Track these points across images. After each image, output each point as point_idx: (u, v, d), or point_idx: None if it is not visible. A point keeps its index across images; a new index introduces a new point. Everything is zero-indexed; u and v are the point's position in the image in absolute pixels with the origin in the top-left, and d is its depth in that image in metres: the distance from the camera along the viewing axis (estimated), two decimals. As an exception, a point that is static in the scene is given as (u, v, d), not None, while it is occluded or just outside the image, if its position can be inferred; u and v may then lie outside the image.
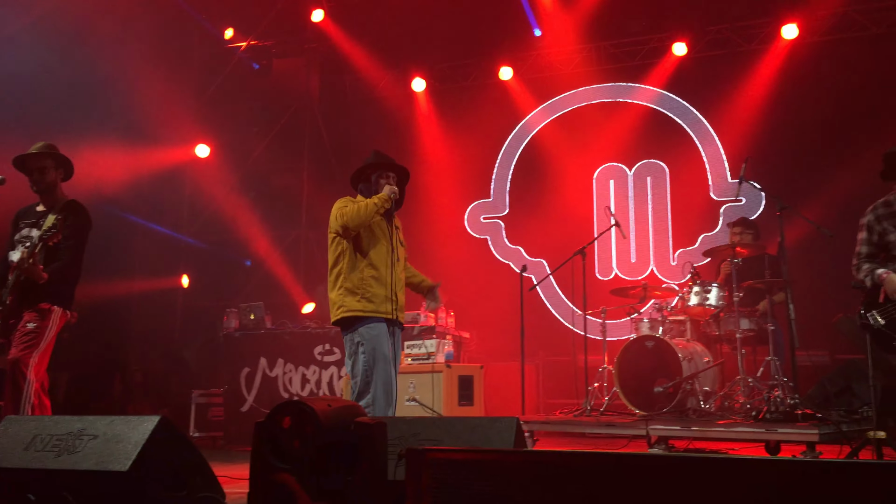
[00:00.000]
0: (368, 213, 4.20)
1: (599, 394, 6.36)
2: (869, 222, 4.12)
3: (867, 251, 4.11)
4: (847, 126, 8.22)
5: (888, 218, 4.06)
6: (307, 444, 2.60)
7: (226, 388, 7.50)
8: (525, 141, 10.09)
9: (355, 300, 4.21)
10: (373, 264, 4.25)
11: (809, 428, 4.75)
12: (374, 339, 4.17)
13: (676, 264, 9.19)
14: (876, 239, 4.09)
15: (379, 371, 4.13)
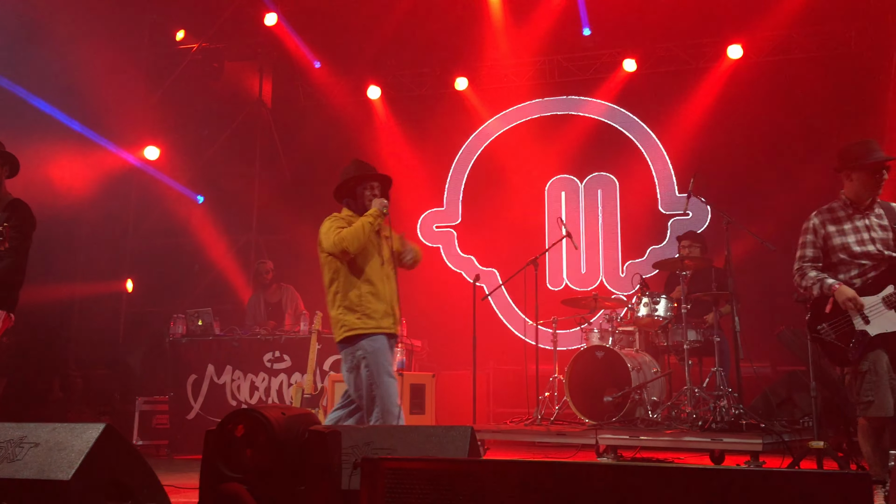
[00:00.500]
0: (366, 234, 4.19)
1: (550, 403, 6.42)
2: (814, 225, 4.15)
3: (812, 254, 4.12)
4: (789, 143, 8.50)
5: (832, 223, 4.09)
6: (260, 453, 2.55)
7: (171, 396, 7.33)
8: (479, 151, 10.15)
9: (355, 318, 4.18)
10: (369, 280, 4.22)
11: (753, 438, 4.87)
12: (376, 353, 4.15)
13: (625, 276, 9.34)
14: (820, 243, 4.11)
15: (383, 384, 4.10)
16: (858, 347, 3.83)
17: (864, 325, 3.85)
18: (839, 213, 4.12)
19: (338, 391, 6.48)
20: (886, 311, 3.82)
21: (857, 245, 3.99)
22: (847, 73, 8.45)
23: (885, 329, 3.81)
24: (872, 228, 3.99)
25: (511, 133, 10.07)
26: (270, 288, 8.07)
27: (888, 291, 3.84)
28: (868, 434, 3.87)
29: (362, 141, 9.96)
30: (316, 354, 6.69)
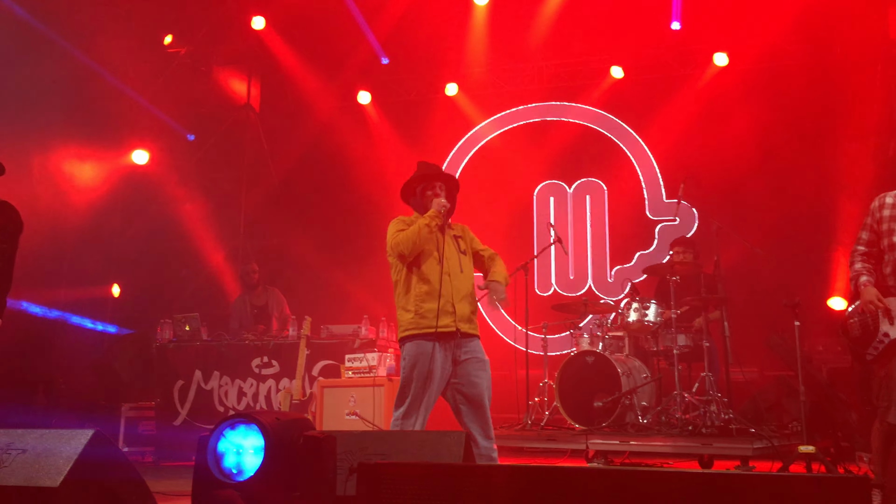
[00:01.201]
0: (421, 237, 4.13)
1: (540, 408, 6.41)
2: (874, 207, 3.96)
3: (866, 237, 3.94)
4: (777, 149, 8.52)
5: (891, 208, 3.88)
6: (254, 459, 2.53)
7: (158, 402, 7.27)
8: (468, 156, 10.15)
9: (410, 318, 4.17)
10: (427, 280, 4.17)
11: (743, 443, 4.89)
12: (413, 357, 4.12)
13: (613, 281, 9.36)
14: (875, 226, 3.92)
15: (418, 391, 4.09)
16: (878, 348, 3.72)
17: (889, 326, 3.71)
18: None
19: (326, 396, 6.45)
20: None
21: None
22: (833, 80, 8.50)
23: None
24: None
25: (500, 138, 10.09)
26: (256, 290, 8.02)
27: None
28: (880, 438, 3.80)
29: (352, 146, 9.94)
30: (305, 360, 6.65)
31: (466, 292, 4.25)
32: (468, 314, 4.22)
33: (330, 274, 9.42)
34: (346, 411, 6.28)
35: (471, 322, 4.24)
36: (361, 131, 10.11)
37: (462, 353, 4.14)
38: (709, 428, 5.14)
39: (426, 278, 4.17)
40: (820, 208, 8.15)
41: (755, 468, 4.91)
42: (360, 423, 6.07)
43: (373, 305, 8.91)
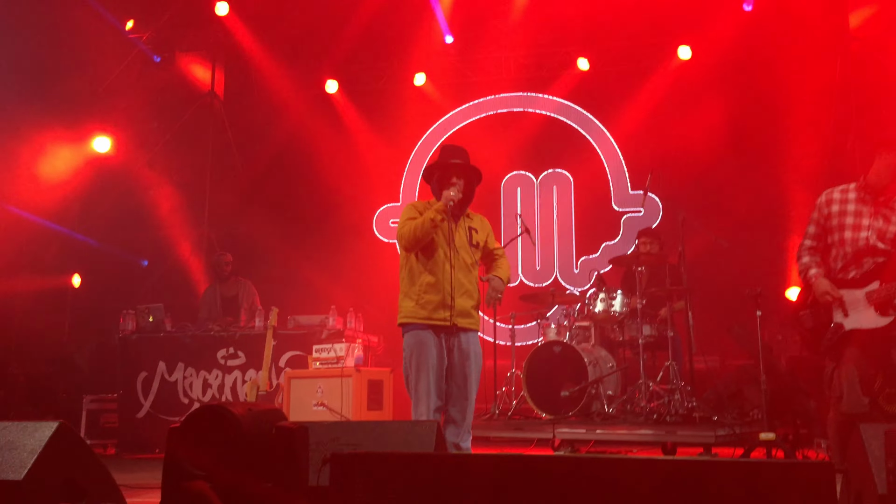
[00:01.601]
0: (425, 230, 4.12)
1: (507, 398, 6.46)
2: (820, 202, 4.06)
3: (813, 231, 4.05)
4: (739, 143, 8.66)
5: (839, 203, 3.99)
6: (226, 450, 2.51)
7: (120, 394, 7.16)
8: (435, 146, 10.12)
9: (410, 306, 4.22)
10: (430, 270, 4.19)
11: (706, 430, 4.99)
12: (415, 347, 4.18)
13: (579, 272, 9.45)
14: (822, 222, 4.02)
15: (419, 380, 4.14)
16: (832, 339, 3.82)
17: (843, 317, 3.81)
18: (850, 194, 3.99)
19: (294, 388, 6.41)
20: (867, 306, 3.78)
21: (850, 230, 3.91)
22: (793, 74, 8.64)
23: (861, 325, 3.77)
24: (875, 216, 3.88)
25: (468, 129, 10.09)
26: (228, 281, 7.93)
27: (872, 287, 3.79)
28: (835, 427, 3.90)
29: (318, 135, 9.86)
30: (272, 351, 6.60)
31: (470, 286, 4.26)
32: (468, 308, 4.23)
33: (297, 264, 9.35)
34: (313, 402, 6.25)
35: (470, 316, 4.25)
36: (329, 120, 10.02)
37: (455, 345, 4.17)
38: (673, 416, 5.24)
39: (431, 269, 4.19)
40: (780, 200, 8.32)
41: (718, 455, 5.02)
42: (327, 414, 6.05)
43: (340, 296, 8.88)
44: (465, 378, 4.21)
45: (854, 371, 3.78)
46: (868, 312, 3.78)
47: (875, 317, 3.77)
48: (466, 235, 4.32)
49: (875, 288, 3.78)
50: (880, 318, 3.76)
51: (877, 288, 3.77)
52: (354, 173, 10.01)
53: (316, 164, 9.91)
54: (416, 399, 4.19)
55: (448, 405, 4.23)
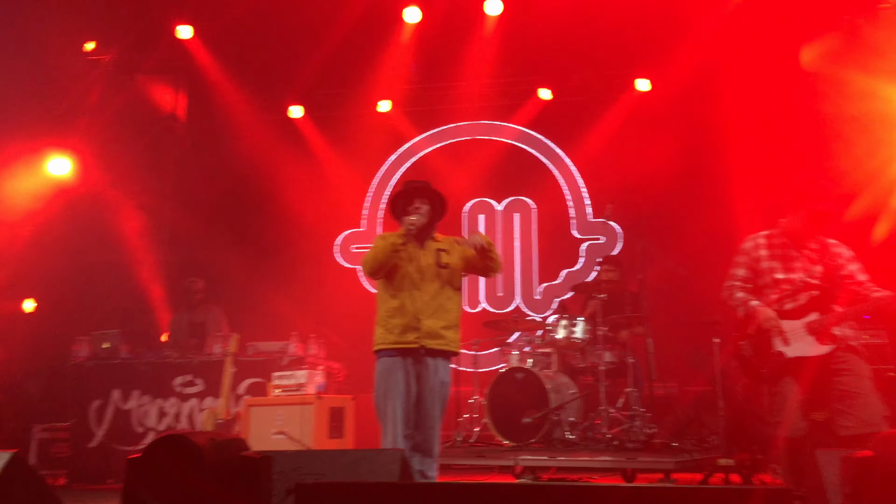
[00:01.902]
0: (386, 254, 4.17)
1: (469, 425, 6.45)
2: (748, 248, 4.30)
3: (743, 274, 4.28)
4: (698, 173, 8.84)
5: (765, 248, 4.23)
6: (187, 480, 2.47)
7: (73, 423, 6.97)
8: (398, 172, 10.18)
9: (379, 332, 4.27)
10: (394, 295, 4.23)
11: (666, 456, 5.04)
12: (382, 374, 4.22)
13: (541, 298, 9.53)
14: (753, 264, 4.25)
15: (387, 407, 4.15)
16: (774, 367, 3.99)
17: (784, 346, 4.00)
18: (775, 240, 4.25)
19: (253, 416, 6.32)
20: (807, 336, 3.96)
21: (782, 272, 4.13)
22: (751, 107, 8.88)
23: (804, 353, 3.94)
24: (802, 259, 4.13)
25: (431, 156, 10.16)
26: (198, 308, 7.83)
27: (811, 318, 3.98)
28: (784, 451, 4.05)
29: (282, 160, 9.80)
30: (231, 378, 6.50)
31: (438, 307, 4.25)
32: (437, 329, 4.22)
33: (258, 290, 9.25)
34: (273, 430, 6.16)
35: (440, 337, 4.23)
36: (293, 145, 9.99)
37: (424, 371, 4.18)
38: (633, 443, 5.28)
39: (395, 294, 4.23)
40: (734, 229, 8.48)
41: (677, 481, 5.07)
42: (287, 443, 5.96)
43: (302, 322, 8.80)
44: (431, 407, 4.21)
45: (794, 396, 3.95)
46: (808, 341, 3.99)
47: (816, 346, 3.97)
48: (434, 258, 4.34)
49: (814, 318, 4.00)
50: (820, 346, 3.97)
51: (816, 318, 4.00)
52: (317, 199, 9.98)
53: (279, 189, 9.86)
54: (383, 426, 4.19)
55: (415, 433, 4.22)
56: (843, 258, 4.13)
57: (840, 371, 3.89)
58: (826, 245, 4.17)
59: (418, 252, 4.29)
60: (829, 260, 4.10)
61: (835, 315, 3.93)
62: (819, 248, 4.16)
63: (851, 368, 3.87)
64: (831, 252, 4.13)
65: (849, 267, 4.10)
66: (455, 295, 4.39)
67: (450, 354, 4.35)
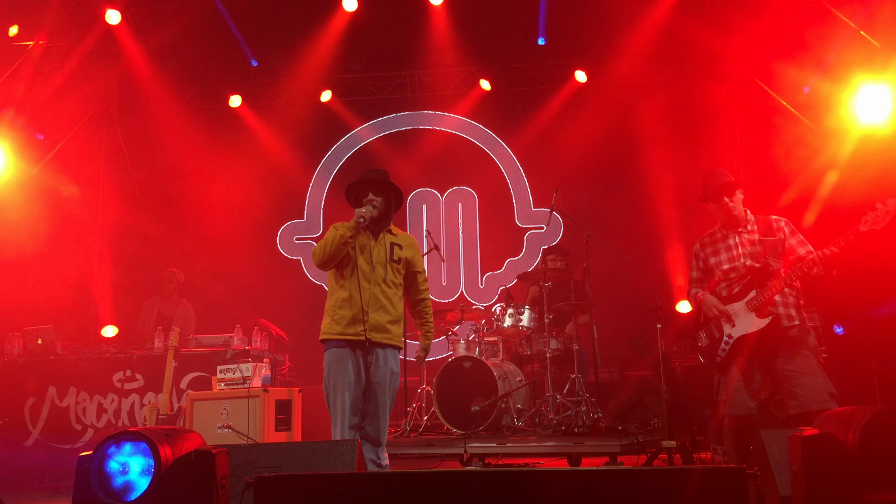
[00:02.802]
0: (335, 246, 4.15)
1: (418, 415, 6.47)
2: (696, 251, 4.49)
3: (696, 276, 4.47)
4: (636, 162, 9.04)
5: (710, 245, 4.40)
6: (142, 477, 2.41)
7: (5, 421, 6.71)
8: (340, 163, 10.10)
9: (327, 322, 4.24)
10: (343, 286, 4.21)
11: (612, 440, 5.16)
12: (330, 365, 4.20)
13: (484, 287, 9.60)
14: (702, 265, 4.43)
15: (335, 398, 4.13)
16: (725, 349, 4.13)
17: (731, 328, 4.14)
18: (717, 235, 4.42)
19: (197, 410, 6.19)
20: (748, 313, 4.11)
21: (727, 262, 4.28)
22: (685, 99, 9.13)
23: (747, 330, 4.08)
24: (742, 245, 4.27)
25: (372, 146, 10.11)
26: (170, 300, 7.67)
27: (751, 296, 4.13)
28: (727, 432, 4.20)
29: (221, 150, 9.62)
30: (172, 372, 6.36)
31: (386, 301, 4.25)
32: (384, 323, 4.22)
33: (198, 282, 9.07)
34: (218, 424, 6.06)
35: (385, 332, 4.24)
36: (232, 135, 9.80)
37: (372, 362, 4.17)
38: (580, 427, 5.38)
39: (344, 284, 4.22)
40: (671, 218, 8.73)
41: (623, 464, 5.20)
42: (233, 437, 5.87)
43: (244, 314, 8.66)
44: (380, 396, 4.21)
45: (739, 375, 4.09)
46: (750, 318, 4.13)
47: (756, 320, 4.11)
48: (387, 251, 4.33)
49: (753, 295, 4.12)
50: (761, 320, 4.09)
51: (754, 295, 4.12)
52: (258, 189, 9.83)
53: (219, 179, 9.68)
54: (333, 417, 4.17)
55: (363, 422, 4.22)
56: (783, 232, 4.26)
57: (786, 351, 4.03)
58: (767, 221, 4.31)
59: (371, 244, 4.27)
60: (770, 235, 4.22)
61: (769, 287, 4.07)
62: (759, 227, 4.29)
63: (799, 349, 4.01)
64: (772, 227, 4.27)
65: (789, 241, 4.23)
66: (400, 289, 4.41)
67: (395, 348, 4.35)
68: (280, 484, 2.36)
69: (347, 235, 4.17)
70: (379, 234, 4.34)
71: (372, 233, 4.31)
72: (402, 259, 4.38)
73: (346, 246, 4.19)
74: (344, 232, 4.18)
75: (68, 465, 6.53)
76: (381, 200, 4.34)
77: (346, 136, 10.14)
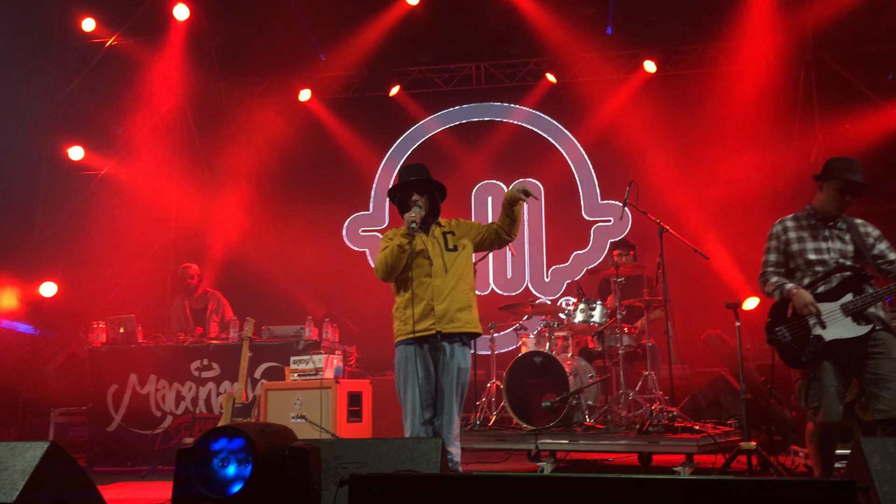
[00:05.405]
0: (395, 257, 4.21)
1: (487, 409, 6.47)
2: (777, 232, 4.25)
3: (775, 259, 4.23)
4: (707, 154, 8.82)
5: (794, 230, 4.19)
6: (240, 472, 2.47)
7: (90, 407, 6.98)
8: (406, 155, 10.14)
9: (396, 325, 4.32)
10: (406, 287, 4.27)
11: (688, 440, 5.07)
12: (399, 363, 4.28)
13: (550, 280, 9.54)
14: (783, 248, 4.21)
15: (406, 394, 4.20)
16: (814, 351, 3.95)
17: (821, 329, 3.95)
18: (802, 221, 4.20)
19: (271, 400, 6.33)
20: (843, 317, 3.93)
21: (813, 253, 4.09)
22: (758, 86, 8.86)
23: (841, 335, 3.91)
24: (832, 239, 4.09)
25: (438, 137, 10.13)
26: (196, 293, 7.79)
27: (847, 299, 3.94)
28: (815, 438, 4.04)
29: (288, 142, 9.76)
30: (247, 362, 6.51)
31: (451, 289, 4.24)
32: (453, 312, 4.21)
33: (266, 273, 9.26)
34: (291, 414, 6.18)
35: (454, 321, 4.21)
36: (300, 128, 9.94)
37: (441, 357, 4.20)
38: (655, 426, 5.31)
39: (406, 285, 4.27)
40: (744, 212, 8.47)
41: (699, 464, 5.11)
42: (307, 426, 5.99)
43: (311, 305, 8.82)
44: (449, 392, 4.24)
45: (832, 381, 3.92)
46: (845, 322, 3.93)
47: (854, 326, 3.92)
48: (442, 242, 4.34)
49: (850, 299, 3.95)
50: (858, 327, 3.91)
51: (851, 299, 3.94)
52: (325, 181, 9.96)
53: (288, 172, 9.84)
54: (404, 413, 4.22)
55: (435, 417, 4.25)
56: (871, 237, 4.10)
57: (873, 354, 3.87)
58: (853, 225, 4.14)
59: (424, 240, 4.30)
60: (859, 239, 4.07)
61: (870, 295, 3.91)
62: (847, 227, 4.13)
63: (887, 351, 3.85)
64: (859, 231, 4.11)
65: (878, 246, 4.07)
66: (466, 276, 4.36)
67: (467, 336, 4.32)
68: (374, 482, 2.39)
69: (405, 243, 4.20)
70: (429, 230, 4.36)
71: (423, 229, 4.33)
72: (457, 245, 4.36)
73: (405, 254, 4.21)
74: (400, 240, 4.21)
75: (148, 450, 6.80)
76: (426, 199, 4.37)
77: (411, 129, 10.18)
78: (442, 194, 4.50)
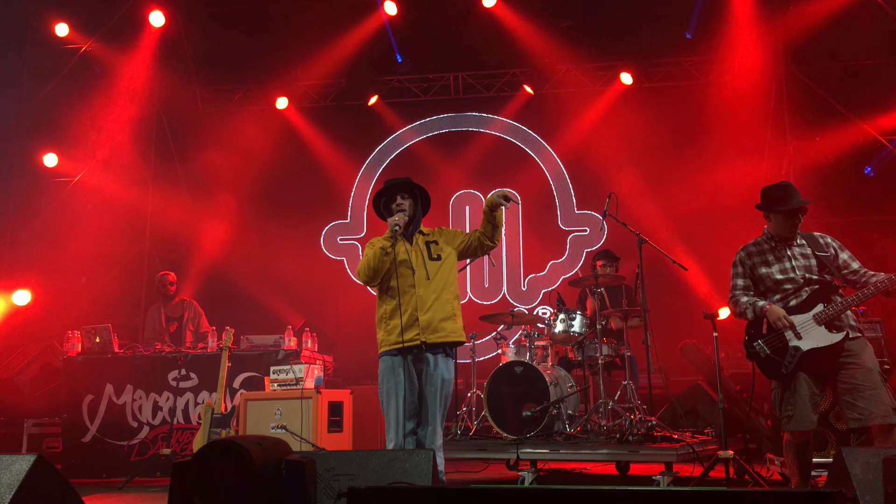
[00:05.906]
0: (377, 260, 4.20)
1: (468, 418, 6.50)
2: (741, 259, 4.41)
3: (742, 284, 4.38)
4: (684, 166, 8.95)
5: (757, 255, 4.35)
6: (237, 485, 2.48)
7: (64, 417, 6.88)
8: (384, 164, 10.17)
9: (380, 335, 4.29)
10: (390, 295, 4.24)
11: (667, 448, 5.14)
12: (382, 374, 4.25)
13: (527, 289, 9.62)
14: (748, 273, 4.36)
15: (389, 405, 4.18)
16: (793, 361, 4.08)
17: (797, 340, 4.08)
18: (763, 245, 4.36)
19: (250, 410, 6.30)
20: (817, 327, 4.06)
21: (779, 273, 4.23)
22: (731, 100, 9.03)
23: (817, 344, 4.04)
24: (794, 258, 4.24)
25: (416, 147, 10.17)
26: (173, 301, 7.72)
27: (818, 309, 4.08)
28: (791, 448, 4.16)
29: (265, 150, 9.73)
30: (226, 372, 6.47)
31: (435, 298, 4.24)
32: (437, 321, 4.20)
33: (243, 282, 9.21)
34: (271, 425, 6.15)
35: (439, 330, 4.20)
36: (277, 136, 9.91)
37: (425, 368, 4.20)
38: (635, 435, 5.37)
39: (391, 294, 4.25)
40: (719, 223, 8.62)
41: (678, 473, 5.18)
42: (288, 437, 5.95)
43: (289, 314, 8.79)
44: (432, 403, 4.23)
45: (805, 389, 4.03)
46: (820, 331, 4.07)
47: (828, 335, 4.07)
48: (425, 251, 4.35)
49: (821, 310, 4.09)
50: (832, 335, 4.06)
51: (822, 309, 4.09)
52: (303, 189, 9.94)
53: (262, 180, 9.79)
54: (387, 423, 4.22)
55: (418, 428, 4.26)
56: (832, 248, 4.24)
57: (846, 364, 3.99)
58: (812, 238, 4.30)
59: (408, 248, 4.30)
60: (821, 252, 4.20)
61: (840, 304, 4.04)
62: (807, 242, 4.28)
63: (860, 361, 3.97)
64: (819, 244, 4.25)
65: (841, 256, 4.22)
66: (450, 284, 4.36)
67: (451, 346, 4.33)
68: (372, 495, 2.41)
69: (387, 246, 4.21)
70: (412, 238, 4.36)
71: (406, 237, 4.33)
72: (440, 254, 4.35)
73: (388, 257, 4.21)
74: (383, 244, 4.22)
75: (124, 462, 6.71)
76: (410, 202, 4.37)
77: (389, 138, 10.21)
78: (426, 204, 4.52)
